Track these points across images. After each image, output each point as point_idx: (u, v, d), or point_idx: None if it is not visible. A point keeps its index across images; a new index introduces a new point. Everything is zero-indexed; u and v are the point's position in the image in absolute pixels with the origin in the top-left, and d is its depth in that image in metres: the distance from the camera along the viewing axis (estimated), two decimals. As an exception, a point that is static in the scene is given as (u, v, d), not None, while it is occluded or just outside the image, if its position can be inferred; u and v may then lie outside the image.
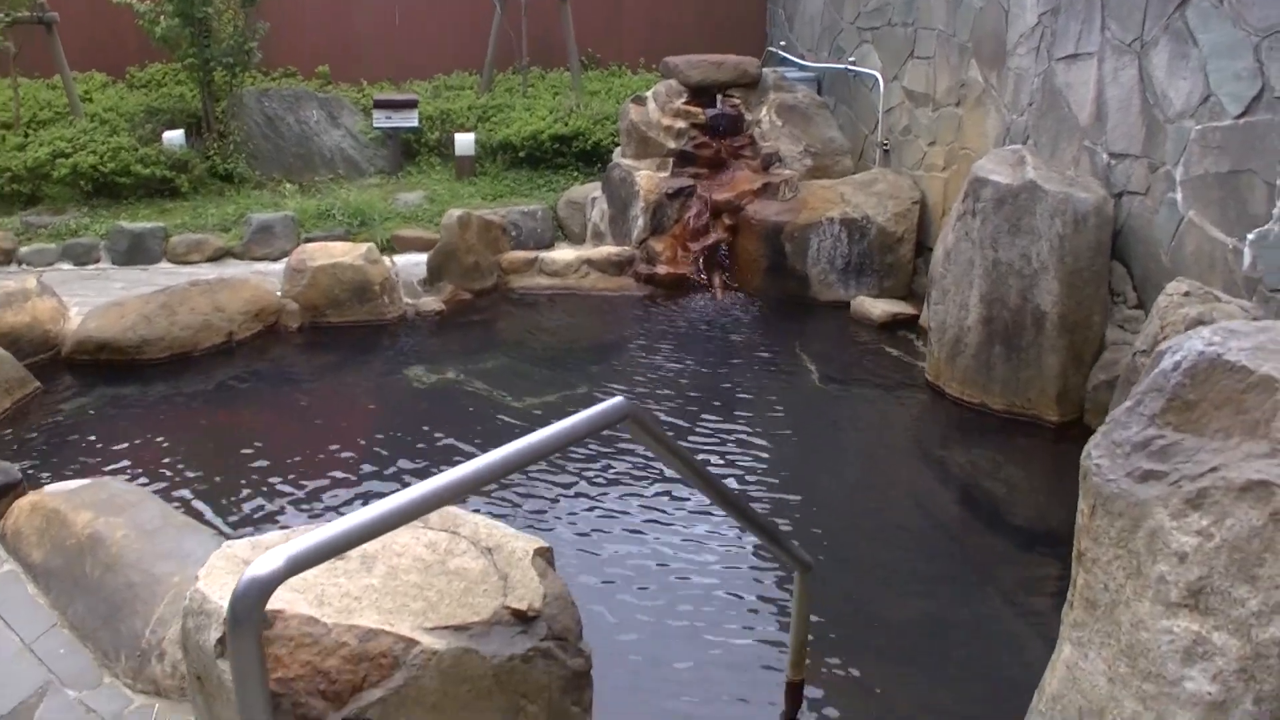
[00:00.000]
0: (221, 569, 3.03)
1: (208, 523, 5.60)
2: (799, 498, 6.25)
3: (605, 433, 3.36)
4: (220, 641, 2.74)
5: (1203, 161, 6.38)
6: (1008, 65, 8.59)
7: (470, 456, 6.31)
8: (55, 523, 4.78)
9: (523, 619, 3.02)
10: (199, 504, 5.95)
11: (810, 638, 4.34)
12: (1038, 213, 6.94)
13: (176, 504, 5.82)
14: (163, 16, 12.35)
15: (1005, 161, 7.36)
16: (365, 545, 2.89)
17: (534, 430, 2.85)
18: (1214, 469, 2.40)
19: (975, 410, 7.41)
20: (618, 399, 3.07)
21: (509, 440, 2.75)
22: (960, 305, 7.47)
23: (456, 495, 2.63)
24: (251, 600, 2.25)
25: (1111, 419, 2.74)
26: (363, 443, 6.80)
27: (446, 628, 2.88)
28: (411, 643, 2.79)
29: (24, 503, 5.04)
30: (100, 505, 4.83)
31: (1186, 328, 5.79)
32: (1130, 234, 7.13)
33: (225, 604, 2.76)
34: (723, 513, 5.27)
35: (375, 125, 13.16)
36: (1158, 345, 5.87)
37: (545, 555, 3.28)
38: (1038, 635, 4.85)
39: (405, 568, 3.08)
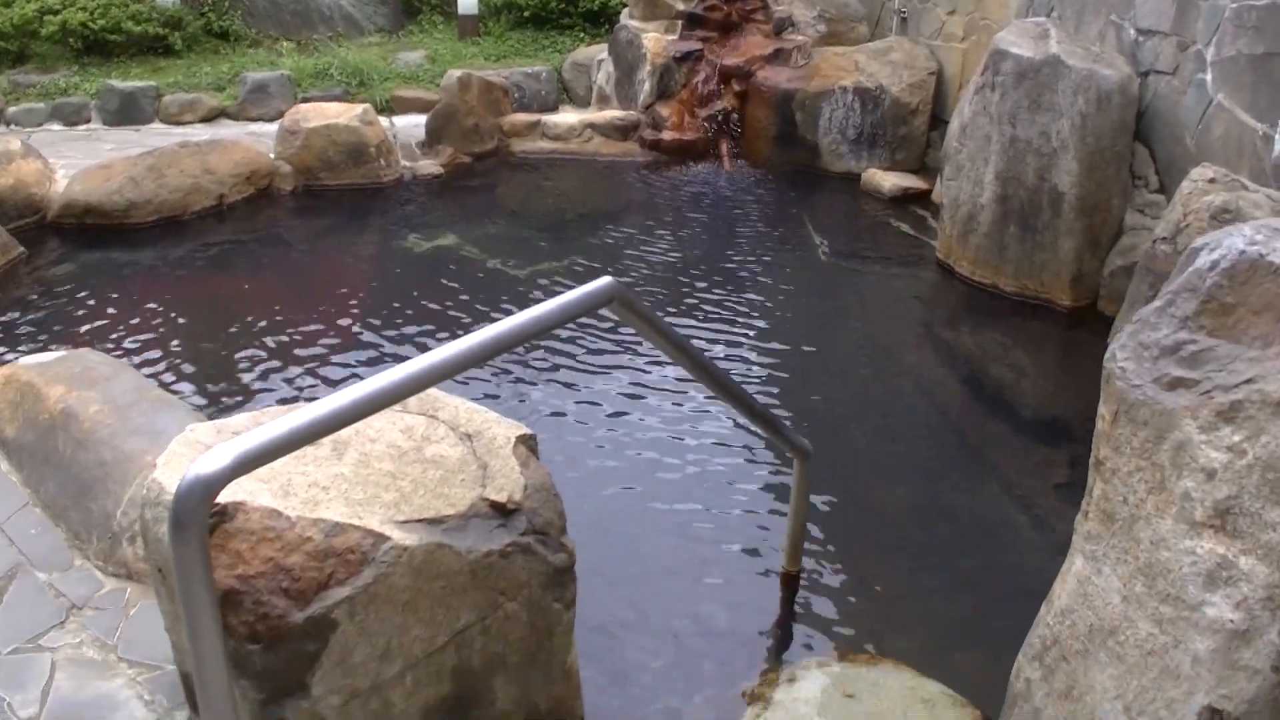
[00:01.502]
0: (181, 456, 2.86)
1: (188, 398, 5.43)
2: (799, 379, 6.08)
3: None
4: (173, 538, 2.57)
5: (1236, 42, 6.07)
6: (1033, -70, 8.20)
7: (467, 328, 6.27)
8: (29, 397, 4.60)
9: (502, 511, 2.85)
10: (180, 377, 5.78)
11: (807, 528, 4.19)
12: (1059, 89, 6.64)
13: (158, 376, 5.66)
14: None
15: (1028, 34, 7.03)
16: (340, 432, 2.72)
17: (527, 305, 2.64)
18: (1250, 380, 2.18)
19: (986, 291, 7.19)
20: (604, 279, 2.86)
21: (506, 311, 2.54)
22: (975, 182, 7.20)
23: (431, 381, 2.44)
24: (195, 501, 2.07)
25: (1140, 318, 2.52)
26: (356, 311, 6.62)
27: (420, 521, 2.71)
28: (381, 538, 2.62)
29: (-3, 375, 4.86)
30: (74, 379, 4.64)
31: (1210, 216, 5.56)
32: (1155, 115, 6.83)
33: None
34: (715, 397, 5.09)
35: (376, -19, 12.75)
36: (1179, 233, 5.66)
37: (528, 443, 3.09)
38: (1040, 533, 4.72)
39: (379, 454, 2.90)
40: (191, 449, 2.88)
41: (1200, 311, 2.34)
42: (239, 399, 5.53)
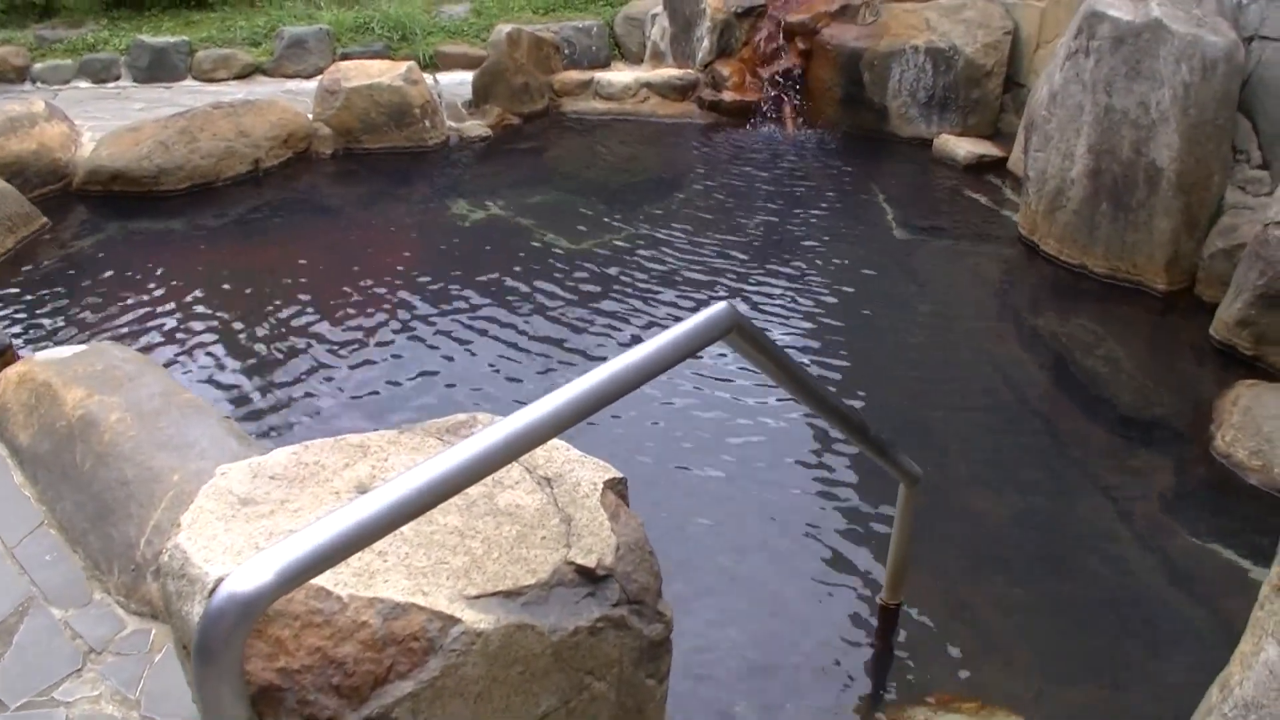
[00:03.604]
0: (210, 514, 2.38)
1: (219, 398, 4.98)
2: (874, 370, 5.60)
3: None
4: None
5: (1360, 1, 5.52)
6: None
7: (521, 312, 5.81)
8: (45, 399, 4.17)
9: (591, 578, 2.37)
10: (211, 369, 5.32)
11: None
12: (1161, 56, 6.07)
13: (186, 369, 5.22)
14: None
15: (1125, -5, 6.45)
16: (393, 473, 2.24)
17: (586, 285, 2.15)
18: None
19: (1073, 271, 6.69)
20: (719, 305, 2.35)
21: (566, 294, 2.04)
22: (1064, 155, 6.65)
23: (525, 448, 1.97)
24: (228, 626, 1.62)
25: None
26: (402, 292, 6.15)
27: (495, 594, 2.23)
28: (450, 620, 2.14)
29: (11, 373, 4.41)
30: (95, 379, 4.19)
31: None
32: (1260, 85, 6.27)
33: (210, 572, 2.16)
34: (813, 416, 4.59)
35: (418, -71, 12.16)
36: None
37: (617, 488, 2.61)
38: (1146, 551, 4.28)
39: (443, 505, 2.42)
40: (221, 503, 2.40)
41: None
42: (275, 400, 5.05)
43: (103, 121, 8.46)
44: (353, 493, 2.41)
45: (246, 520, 2.32)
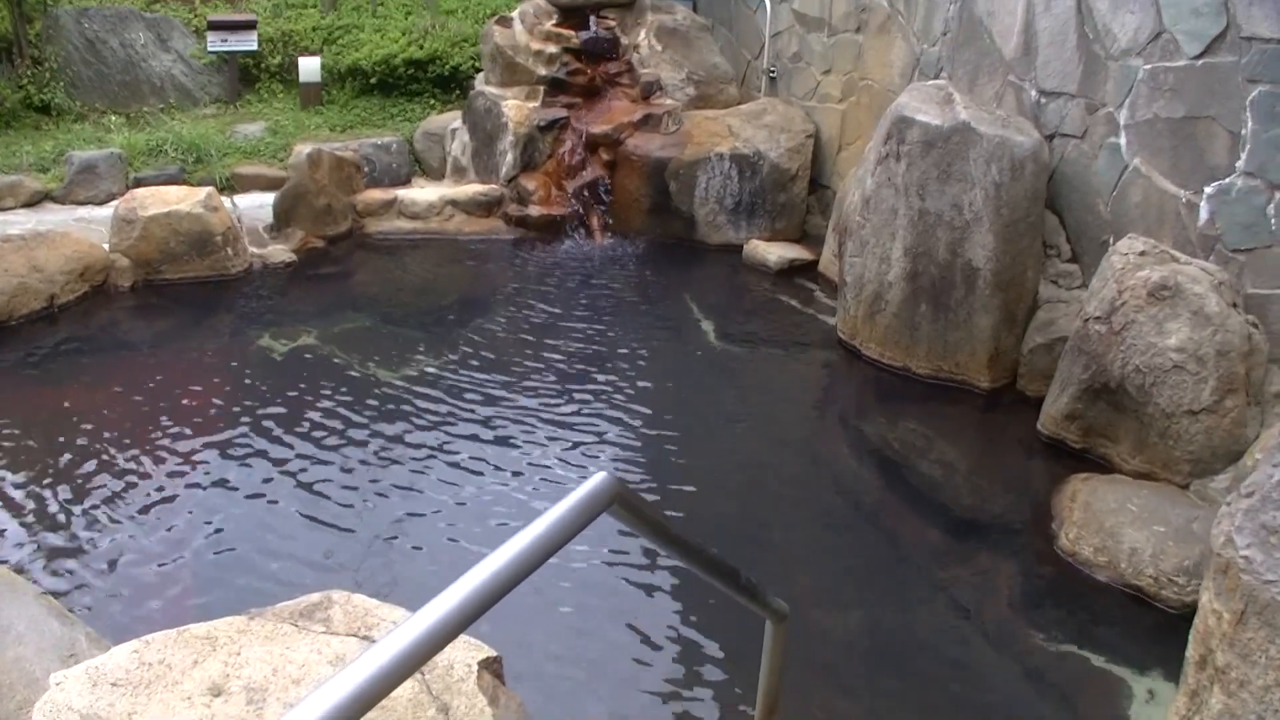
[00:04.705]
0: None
1: (30, 566, 4.62)
2: (700, 483, 5.56)
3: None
4: None
5: (1152, 105, 5.81)
6: (918, -11, 7.88)
7: (340, 450, 5.61)
8: None
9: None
10: (17, 532, 4.94)
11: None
12: (971, 158, 6.29)
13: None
14: (-37, -75, 10.97)
15: (931, 99, 6.67)
16: (249, 671, 2.08)
17: (403, 415, 2.03)
18: None
19: (897, 374, 6.82)
20: (599, 476, 2.23)
21: (385, 422, 1.91)
22: (881, 259, 6.80)
23: (414, 666, 1.79)
24: None
25: (1256, 491, 2.06)
26: (215, 433, 5.88)
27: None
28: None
29: None
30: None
31: (1148, 293, 5.33)
32: (1064, 181, 6.54)
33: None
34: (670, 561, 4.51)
35: (210, 49, 11.87)
36: (1114, 311, 5.34)
37: (494, 668, 2.49)
38: (1001, 656, 4.33)
39: (304, 695, 2.26)
40: None
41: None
42: (90, 568, 4.65)
43: (-122, 257, 8.00)
44: (206, 696, 2.23)
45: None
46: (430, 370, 6.71)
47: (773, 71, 10.22)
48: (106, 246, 7.97)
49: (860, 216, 6.95)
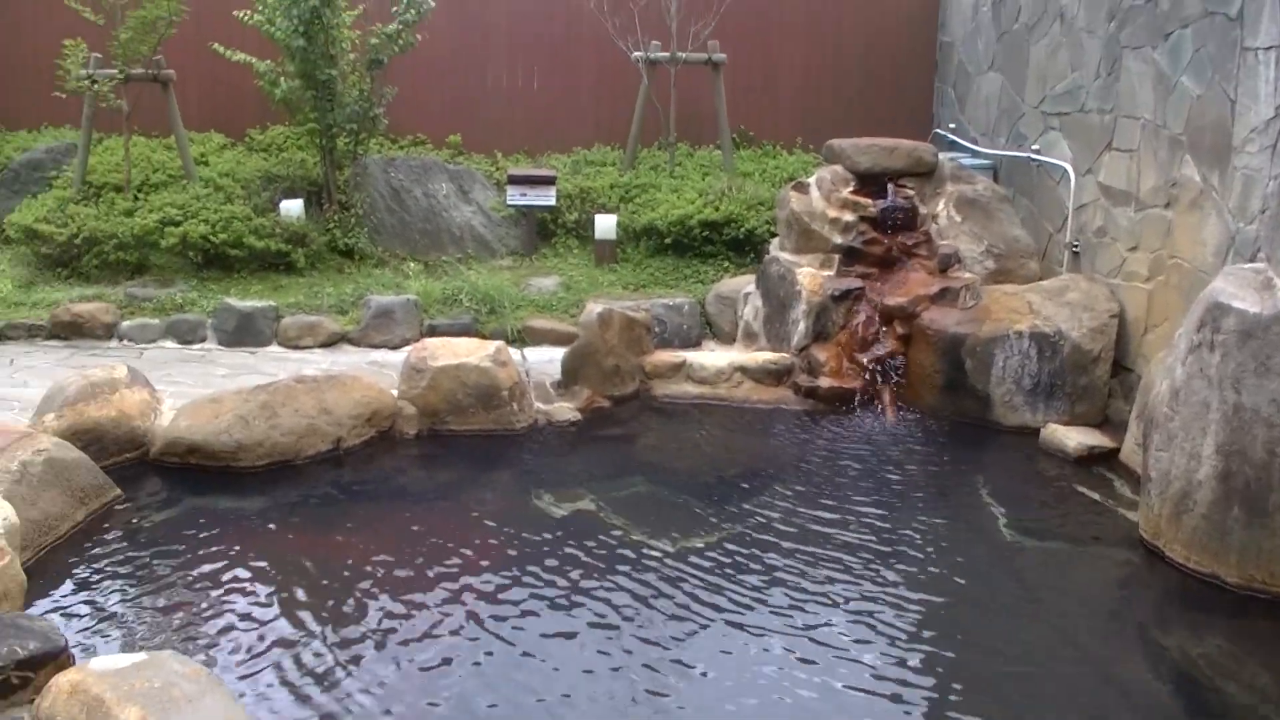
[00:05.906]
0: None
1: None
2: (978, 692, 5.05)
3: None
4: None
5: None
6: (1234, 164, 7.27)
7: (614, 621, 5.34)
8: (97, 717, 3.75)
9: None
10: (279, 685, 4.84)
11: None
12: (1293, 350, 5.71)
13: (254, 687, 4.78)
14: (283, 77, 11.63)
15: (1248, 284, 6.13)
16: None
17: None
18: None
19: (1205, 581, 6.16)
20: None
21: (661, 597, 1.60)
22: (1190, 455, 6.23)
23: None
24: None
25: None
26: (487, 597, 5.70)
27: None
28: None
29: (64, 681, 4.00)
30: (152, 698, 3.79)
31: None
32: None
33: None
34: None
35: (509, 202, 12.15)
36: None
37: None
38: None
39: None
40: None
41: None
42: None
43: (184, 387, 8.29)
44: None
45: None
46: (706, 545, 6.42)
47: (1076, 246, 9.71)
48: (394, 391, 8.04)
49: (1168, 408, 6.39)
